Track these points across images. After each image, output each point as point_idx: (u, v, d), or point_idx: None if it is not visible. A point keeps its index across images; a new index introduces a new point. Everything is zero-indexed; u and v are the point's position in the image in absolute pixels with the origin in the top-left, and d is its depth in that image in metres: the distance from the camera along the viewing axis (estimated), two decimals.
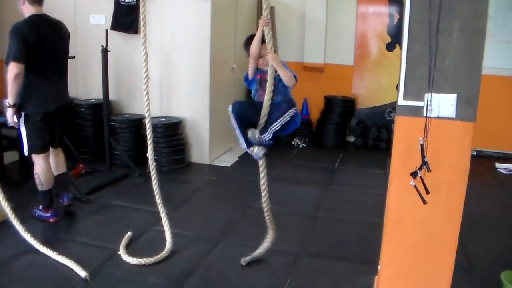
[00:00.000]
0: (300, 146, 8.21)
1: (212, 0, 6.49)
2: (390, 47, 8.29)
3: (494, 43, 7.06)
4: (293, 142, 8.27)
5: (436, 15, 3.14)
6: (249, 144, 3.67)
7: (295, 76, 3.58)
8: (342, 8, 8.37)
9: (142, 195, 5.51)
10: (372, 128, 8.32)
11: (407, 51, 3.25)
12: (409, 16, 3.20)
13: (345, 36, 8.45)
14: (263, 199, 3.89)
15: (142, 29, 4.04)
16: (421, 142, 3.22)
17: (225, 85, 7.34)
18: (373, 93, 8.51)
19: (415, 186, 3.27)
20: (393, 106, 8.35)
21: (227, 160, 7.15)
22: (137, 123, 6.72)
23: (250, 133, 3.57)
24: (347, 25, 8.41)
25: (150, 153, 4.18)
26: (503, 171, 7.11)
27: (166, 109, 6.89)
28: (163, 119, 6.66)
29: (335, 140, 8.31)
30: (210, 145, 6.94)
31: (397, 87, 8.15)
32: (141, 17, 4.01)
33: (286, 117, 3.50)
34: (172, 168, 6.53)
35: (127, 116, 6.87)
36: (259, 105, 3.58)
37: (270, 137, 3.56)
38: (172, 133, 6.59)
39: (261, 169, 3.86)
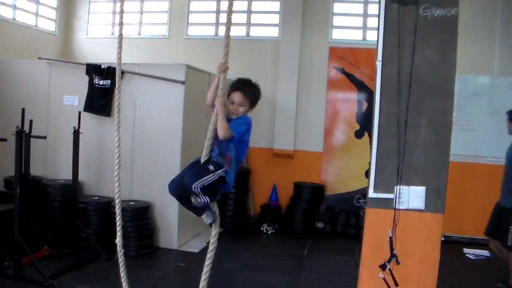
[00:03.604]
0: (269, 232, 8.15)
1: (186, 84, 6.63)
2: (359, 134, 8.51)
3: (458, 131, 7.33)
4: (262, 228, 8.21)
5: (405, 111, 3.27)
6: (198, 211, 3.22)
7: (239, 133, 3.09)
8: (312, 95, 8.65)
9: (108, 281, 5.34)
10: (341, 214, 8.36)
11: (377, 145, 3.35)
12: (379, 112, 3.32)
13: (314, 123, 8.66)
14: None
15: (116, 115, 4.06)
16: (390, 235, 3.26)
17: None
18: (342, 180, 8.62)
19: (384, 278, 3.27)
20: (362, 193, 8.47)
21: (196, 246, 7.04)
22: (106, 205, 6.63)
23: (192, 200, 3.14)
24: (316, 112, 8.64)
25: (118, 240, 4.08)
26: (472, 257, 7.17)
27: (136, 192, 6.83)
28: (132, 203, 6.58)
29: (304, 226, 8.29)
30: (179, 230, 6.84)
31: (366, 174, 8.36)
32: (116, 103, 4.04)
33: (209, 178, 3.01)
34: (140, 253, 6.38)
35: (96, 198, 6.78)
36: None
37: (201, 196, 3.07)
38: (140, 217, 6.50)
39: (211, 241, 3.38)
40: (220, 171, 3.00)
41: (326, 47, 8.58)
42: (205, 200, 3.06)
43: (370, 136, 8.19)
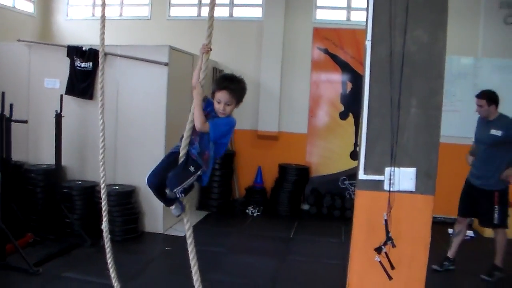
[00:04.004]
0: (255, 214, 8.13)
1: (169, 66, 6.53)
2: (343, 115, 8.49)
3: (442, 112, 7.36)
4: (247, 211, 8.19)
5: (394, 92, 3.23)
6: (169, 202, 3.15)
7: (217, 134, 2.92)
8: (296, 76, 8.59)
9: (95, 266, 5.27)
10: (326, 196, 8.36)
11: (367, 127, 3.31)
12: (369, 92, 3.28)
13: (299, 104, 8.61)
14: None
15: (100, 98, 3.96)
16: (385, 218, 3.23)
17: None
18: (326, 161, 8.62)
19: (380, 262, 3.25)
20: (347, 174, 8.48)
21: (181, 229, 6.93)
22: (90, 190, 6.54)
23: (167, 192, 3.03)
24: (301, 93, 8.59)
25: (105, 225, 4.01)
26: None
27: (120, 176, 6.74)
28: (117, 187, 6.50)
29: (290, 209, 8.28)
30: (164, 214, 6.78)
31: (351, 155, 8.34)
32: (100, 85, 3.94)
33: (190, 180, 2.92)
34: (126, 238, 6.32)
35: (80, 183, 6.68)
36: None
37: (180, 195, 2.99)
38: (125, 201, 6.43)
39: (187, 234, 3.31)
40: (199, 172, 2.91)
41: (310, 28, 8.51)
42: (180, 195, 2.96)
43: (356, 117, 8.28)
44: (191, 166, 2.89)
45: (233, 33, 8.58)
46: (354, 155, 8.43)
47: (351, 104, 8.43)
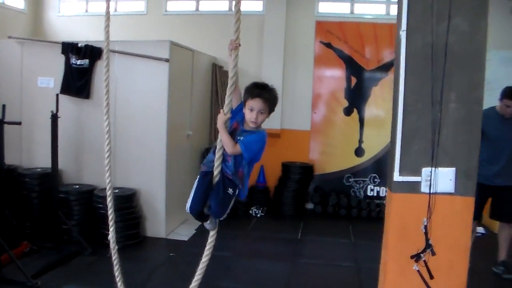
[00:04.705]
0: (258, 215, 7.85)
1: (170, 62, 6.21)
2: (347, 111, 8.23)
3: None
4: (250, 211, 7.91)
5: (434, 85, 2.96)
6: (205, 218, 3.02)
7: (251, 153, 2.78)
8: (299, 72, 8.30)
9: (97, 277, 5.00)
10: (331, 195, 8.09)
11: (402, 124, 3.04)
12: (404, 87, 3.00)
13: (302, 101, 8.34)
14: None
15: (105, 97, 3.66)
16: (425, 223, 2.96)
17: (181, 153, 6.97)
18: (331, 158, 8.36)
19: (418, 271, 2.99)
20: (351, 172, 8.24)
21: (184, 233, 6.69)
22: (88, 194, 6.22)
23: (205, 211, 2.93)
24: (303, 89, 8.32)
25: (111, 235, 3.72)
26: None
27: (119, 179, 6.40)
28: (116, 191, 6.15)
29: (294, 208, 8.01)
30: (166, 217, 6.48)
31: (356, 152, 8.02)
32: (105, 83, 3.64)
33: (231, 203, 2.90)
34: (127, 244, 5.98)
35: (77, 187, 6.36)
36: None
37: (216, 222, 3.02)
38: (126, 205, 6.10)
39: (209, 240, 3.17)
40: (237, 192, 2.85)
41: (313, 21, 8.22)
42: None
43: (360, 113, 8.02)
44: (229, 189, 2.81)
45: (233, 29, 8.24)
46: (359, 152, 8.19)
47: (355, 99, 8.18)
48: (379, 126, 8.07)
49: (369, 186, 8.23)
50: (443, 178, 3.03)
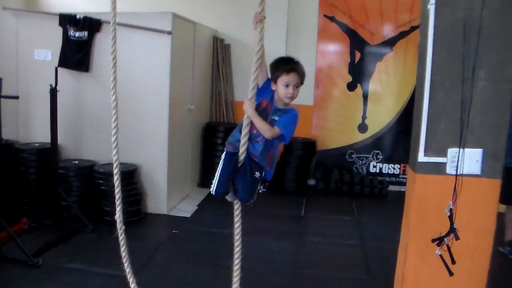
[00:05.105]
0: (260, 191, 7.68)
1: (172, 35, 6.00)
2: (351, 86, 8.06)
3: None
4: None
5: (464, 62, 2.81)
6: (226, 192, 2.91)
7: (290, 134, 2.72)
8: (302, 46, 8.07)
9: (98, 255, 4.90)
10: (334, 171, 7.98)
11: (428, 103, 2.89)
12: (432, 64, 2.85)
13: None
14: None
15: (112, 70, 3.50)
16: (451, 206, 2.84)
17: (183, 127, 6.81)
18: (333, 134, 8.23)
19: (440, 255, 2.87)
20: (354, 148, 8.14)
21: (186, 209, 6.58)
22: (88, 170, 6.07)
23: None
24: (307, 63, 7.88)
25: (118, 215, 3.57)
26: None
27: (120, 154, 6.20)
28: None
29: (296, 184, 7.90)
30: (168, 193, 6.35)
31: (359, 128, 7.84)
32: (112, 56, 3.48)
33: (259, 186, 2.84)
34: (128, 221, 5.79)
35: (76, 162, 6.20)
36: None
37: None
38: (127, 182, 5.92)
39: (236, 219, 3.05)
40: (263, 174, 2.78)
41: None
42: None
43: (364, 88, 7.85)
44: (256, 172, 2.73)
45: (235, 1, 8.00)
46: (362, 128, 8.06)
47: (359, 74, 8.01)
48: (383, 102, 7.94)
49: (371, 163, 8.13)
50: (470, 160, 2.90)
